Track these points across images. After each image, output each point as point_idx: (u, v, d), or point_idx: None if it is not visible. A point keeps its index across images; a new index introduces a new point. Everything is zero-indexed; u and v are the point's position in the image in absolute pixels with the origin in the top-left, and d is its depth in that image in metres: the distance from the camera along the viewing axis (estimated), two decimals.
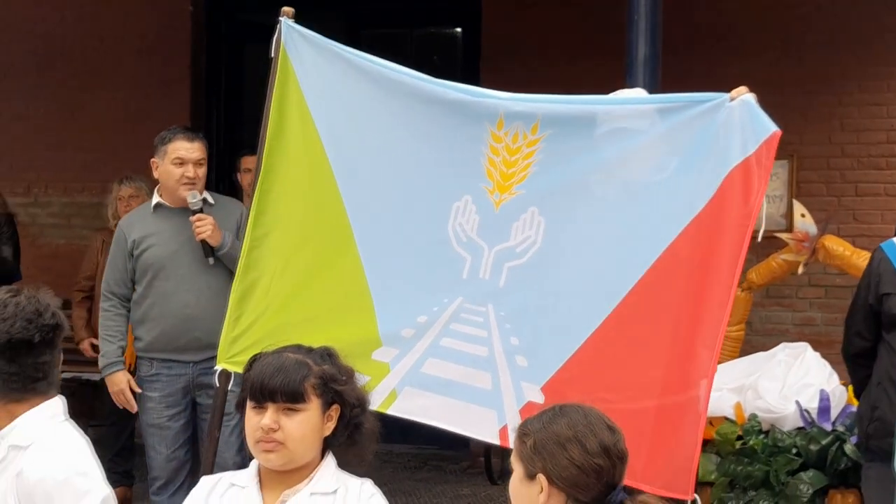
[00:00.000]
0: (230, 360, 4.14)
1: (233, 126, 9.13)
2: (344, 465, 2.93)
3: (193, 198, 5.11)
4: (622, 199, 3.75)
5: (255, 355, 2.93)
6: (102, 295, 5.33)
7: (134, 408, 5.21)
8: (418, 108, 4.03)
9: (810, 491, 4.54)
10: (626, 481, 2.58)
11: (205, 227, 5.06)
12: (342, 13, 8.70)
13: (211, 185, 8.83)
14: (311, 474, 2.85)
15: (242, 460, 5.24)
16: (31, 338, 2.79)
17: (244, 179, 6.97)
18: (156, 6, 8.76)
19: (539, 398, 3.77)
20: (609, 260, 3.74)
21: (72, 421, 2.92)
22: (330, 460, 2.89)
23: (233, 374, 4.15)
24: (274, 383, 2.79)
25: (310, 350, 2.94)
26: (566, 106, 3.90)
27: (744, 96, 3.60)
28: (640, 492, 2.61)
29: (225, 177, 8.98)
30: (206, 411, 5.02)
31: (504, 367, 3.85)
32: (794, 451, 4.59)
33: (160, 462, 5.17)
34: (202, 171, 5.20)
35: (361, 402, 2.95)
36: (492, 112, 3.94)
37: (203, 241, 5.08)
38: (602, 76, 4.80)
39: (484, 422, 3.85)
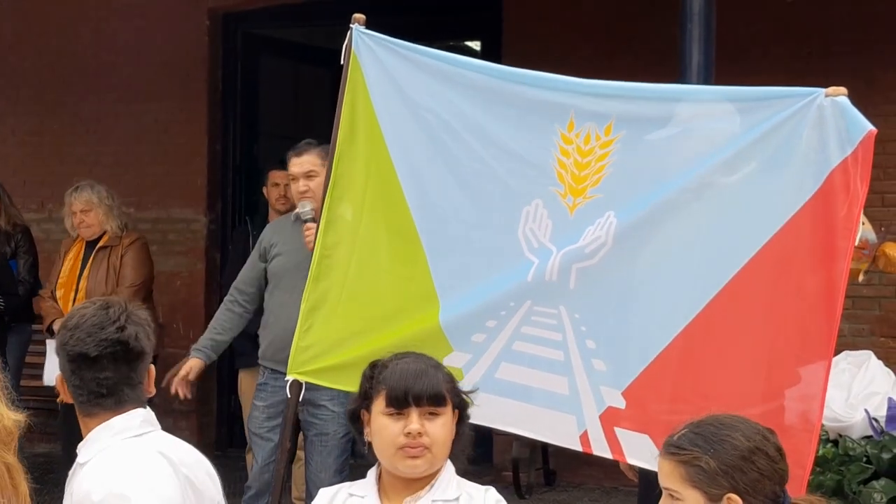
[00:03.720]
0: (300, 370, 4.09)
1: (249, 140, 9.06)
2: None
3: (303, 207, 5.18)
4: (706, 201, 3.66)
5: (375, 363, 2.88)
6: (229, 292, 5.44)
7: (177, 392, 5.19)
8: (487, 111, 3.98)
9: (884, 500, 4.52)
10: None
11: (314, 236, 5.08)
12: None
13: (228, 199, 8.88)
14: (433, 481, 2.80)
15: (341, 482, 5.19)
16: (87, 352, 2.68)
17: (272, 194, 6.91)
18: (172, 21, 8.67)
19: (620, 403, 3.71)
20: (692, 263, 3.67)
21: (153, 436, 2.74)
22: (450, 466, 2.85)
23: (304, 386, 4.09)
24: (419, 387, 2.77)
25: (426, 355, 2.91)
26: (641, 103, 3.81)
27: (840, 97, 3.48)
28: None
29: (242, 190, 8.91)
30: (309, 429, 5.09)
31: (581, 372, 3.78)
32: (864, 459, 4.57)
33: (255, 471, 5.22)
34: (314, 183, 5.19)
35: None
36: (562, 113, 3.87)
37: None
38: None
39: (563, 427, 3.79)
